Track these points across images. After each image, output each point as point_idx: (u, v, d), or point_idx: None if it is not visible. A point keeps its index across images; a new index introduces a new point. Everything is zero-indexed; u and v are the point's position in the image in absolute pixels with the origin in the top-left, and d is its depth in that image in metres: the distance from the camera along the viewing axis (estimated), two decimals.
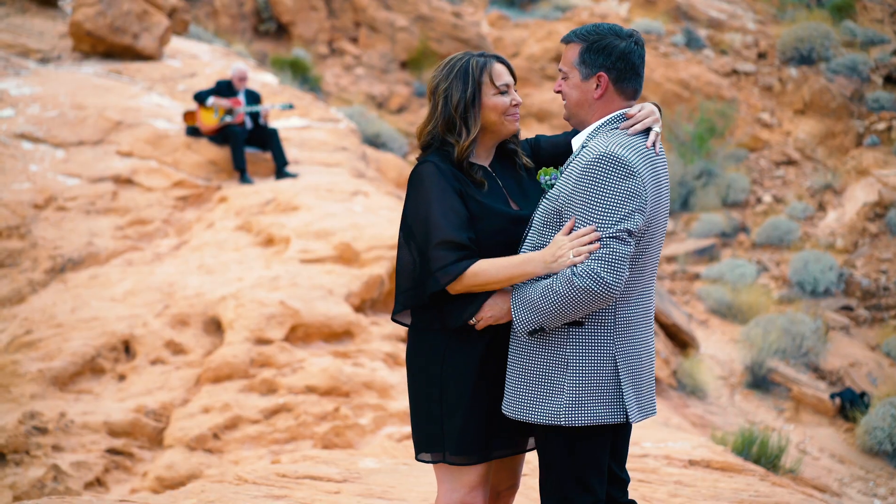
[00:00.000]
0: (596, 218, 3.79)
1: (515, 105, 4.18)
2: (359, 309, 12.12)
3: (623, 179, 3.81)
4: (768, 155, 25.89)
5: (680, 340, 15.82)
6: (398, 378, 11.23)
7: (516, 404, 4.01)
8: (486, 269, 3.96)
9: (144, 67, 18.24)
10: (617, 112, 4.03)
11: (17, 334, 11.81)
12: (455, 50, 28.06)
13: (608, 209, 3.79)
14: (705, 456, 8.40)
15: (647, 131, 4.02)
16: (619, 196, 3.80)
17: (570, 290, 3.78)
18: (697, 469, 8.00)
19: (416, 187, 4.09)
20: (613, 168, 3.82)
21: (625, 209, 3.79)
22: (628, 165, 3.83)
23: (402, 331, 11.98)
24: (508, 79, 4.19)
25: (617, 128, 4.00)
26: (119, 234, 13.80)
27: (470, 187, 4.11)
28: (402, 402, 10.86)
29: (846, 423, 15.41)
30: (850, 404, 15.53)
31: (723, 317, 19.18)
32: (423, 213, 4.04)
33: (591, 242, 3.81)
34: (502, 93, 4.18)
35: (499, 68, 4.19)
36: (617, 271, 3.76)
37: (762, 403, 15.86)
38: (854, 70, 26.49)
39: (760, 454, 9.73)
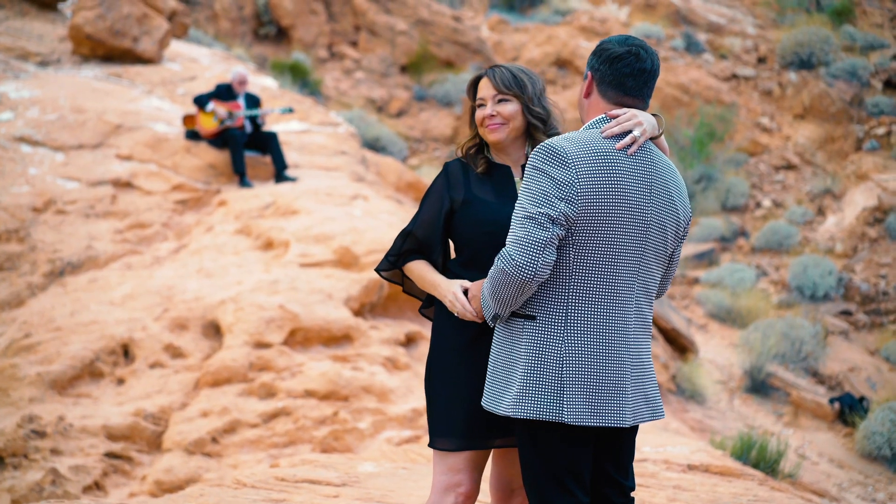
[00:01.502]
0: (521, 201, 3.92)
1: (488, 116, 4.43)
2: (358, 313, 12.12)
3: (552, 167, 3.90)
4: (768, 159, 25.90)
5: (679, 345, 15.83)
6: (397, 382, 11.23)
7: (487, 394, 4.13)
8: (412, 270, 4.47)
9: (144, 71, 18.24)
10: (601, 116, 4.09)
11: (16, 338, 11.80)
12: (455, 54, 28.10)
13: (533, 193, 3.89)
14: (704, 460, 8.40)
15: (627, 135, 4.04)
16: (544, 182, 3.89)
17: (492, 272, 3.95)
18: (696, 474, 8.00)
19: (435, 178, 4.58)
20: (546, 156, 3.92)
21: (547, 194, 3.87)
22: (561, 155, 3.91)
23: (402, 335, 12.00)
24: (485, 92, 4.45)
25: (594, 128, 4.06)
26: (118, 238, 13.80)
27: (474, 183, 4.44)
28: (400, 407, 10.86)
29: (845, 428, 15.41)
30: (849, 409, 15.54)
31: (722, 321, 19.19)
32: (421, 203, 4.50)
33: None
34: (479, 106, 4.47)
35: (481, 84, 4.49)
36: (528, 253, 3.84)
37: (761, 408, 15.86)
38: (854, 75, 26.51)
39: (759, 459, 9.74)
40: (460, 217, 4.38)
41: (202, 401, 10.86)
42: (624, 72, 4.06)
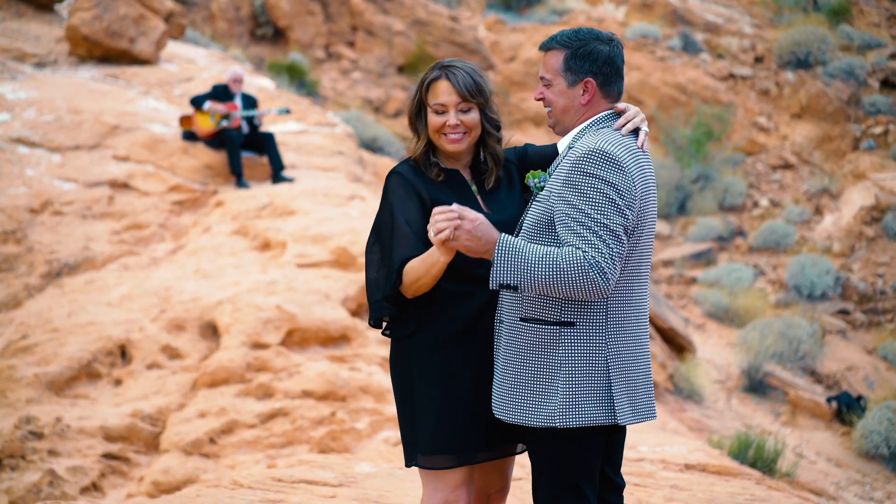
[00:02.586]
0: (587, 210, 3.76)
1: (451, 126, 4.15)
2: (355, 313, 12.11)
3: (611, 174, 3.80)
4: (765, 159, 25.91)
5: (677, 344, 15.83)
6: None
7: (510, 408, 3.98)
8: (409, 266, 4.03)
9: (141, 72, 18.23)
10: (604, 112, 4.04)
11: (14, 339, 11.80)
12: (452, 54, 28.08)
13: (600, 202, 3.77)
14: (701, 460, 8.40)
15: (636, 131, 4.03)
16: (608, 190, 3.78)
17: (574, 272, 3.71)
18: (693, 473, 8.00)
19: (383, 197, 4.19)
20: (604, 163, 3.81)
21: (616, 204, 3.78)
22: (618, 161, 3.82)
23: None
24: (446, 98, 4.15)
25: (605, 127, 4.00)
26: (115, 239, 13.79)
27: (432, 188, 4.16)
28: None
29: (843, 427, 15.42)
30: (846, 408, 15.54)
31: (720, 321, 19.19)
32: (387, 226, 4.12)
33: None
34: (438, 112, 4.17)
35: (440, 87, 4.18)
36: (616, 267, 3.75)
37: (759, 407, 15.86)
38: (851, 74, 26.52)
39: (756, 458, 9.75)
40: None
41: (200, 401, 10.85)
42: (620, 66, 4.04)
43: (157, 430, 10.71)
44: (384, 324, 4.25)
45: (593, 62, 3.99)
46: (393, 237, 4.11)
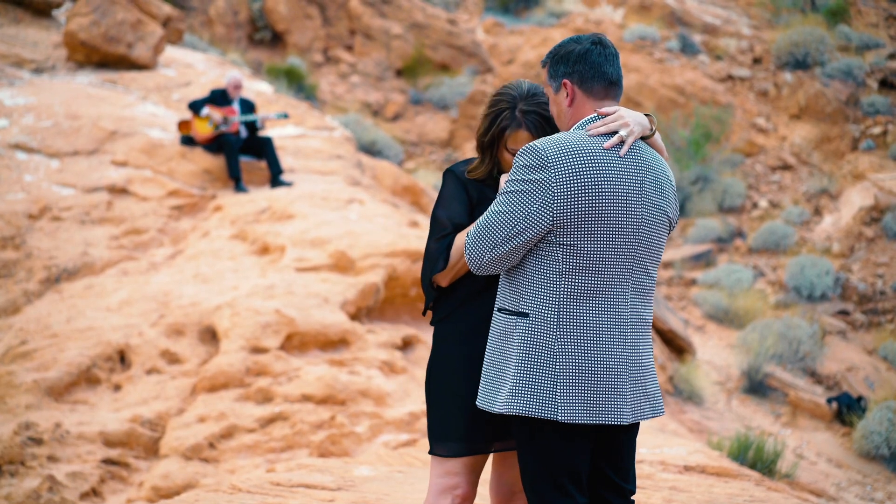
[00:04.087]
0: (500, 197, 3.94)
1: None
2: (354, 317, 12.11)
3: (533, 170, 3.89)
4: (764, 160, 25.91)
5: (676, 346, 15.82)
6: (394, 386, 11.22)
7: (481, 394, 4.10)
8: (455, 241, 4.29)
9: (139, 77, 18.24)
10: (590, 115, 4.05)
11: (12, 345, 11.80)
12: (450, 57, 28.13)
13: (507, 194, 3.92)
14: (700, 461, 8.39)
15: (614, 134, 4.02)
16: (526, 184, 3.90)
17: (461, 243, 4.17)
18: (692, 474, 7.99)
19: (439, 193, 4.42)
20: (526, 157, 3.92)
21: (518, 198, 3.90)
22: (542, 157, 3.89)
23: (398, 339, 11.99)
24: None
25: (583, 128, 4.03)
26: (114, 244, 13.79)
27: (485, 188, 4.35)
28: (398, 410, 10.86)
29: (843, 428, 15.42)
30: (847, 408, 15.54)
31: (719, 322, 19.19)
32: (434, 221, 4.36)
33: None
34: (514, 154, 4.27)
35: (520, 136, 4.25)
36: (482, 249, 3.94)
37: (759, 408, 15.86)
38: (849, 74, 26.54)
39: (756, 459, 9.75)
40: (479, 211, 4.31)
41: (199, 406, 10.85)
42: (600, 62, 4.04)
43: (156, 436, 10.70)
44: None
45: (566, 63, 4.06)
46: (436, 230, 4.34)
